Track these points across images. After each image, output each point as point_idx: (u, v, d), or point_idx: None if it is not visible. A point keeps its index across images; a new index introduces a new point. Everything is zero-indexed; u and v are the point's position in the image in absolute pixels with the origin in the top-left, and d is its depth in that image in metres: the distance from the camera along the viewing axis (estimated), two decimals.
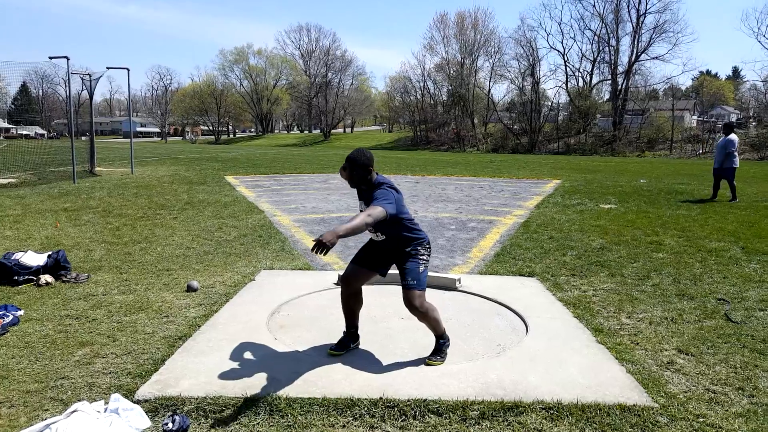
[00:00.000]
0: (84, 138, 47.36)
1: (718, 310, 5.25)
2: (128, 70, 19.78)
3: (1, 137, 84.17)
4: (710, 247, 8.08)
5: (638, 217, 10.92)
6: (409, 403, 3.27)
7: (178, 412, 3.12)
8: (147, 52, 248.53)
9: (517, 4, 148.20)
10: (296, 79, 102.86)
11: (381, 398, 3.31)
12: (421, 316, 3.86)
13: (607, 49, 65.88)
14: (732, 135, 13.78)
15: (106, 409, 3.11)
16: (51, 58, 16.77)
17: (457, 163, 33.33)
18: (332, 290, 5.68)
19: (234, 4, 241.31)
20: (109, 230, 8.79)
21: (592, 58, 67.26)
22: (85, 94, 20.27)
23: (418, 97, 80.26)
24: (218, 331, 4.41)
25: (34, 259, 5.99)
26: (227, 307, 5.03)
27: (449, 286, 5.79)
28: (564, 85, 69.94)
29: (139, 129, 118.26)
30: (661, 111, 62.24)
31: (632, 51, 63.89)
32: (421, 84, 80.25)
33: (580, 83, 68.81)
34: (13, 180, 16.62)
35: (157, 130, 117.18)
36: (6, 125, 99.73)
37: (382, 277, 4.17)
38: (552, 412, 3.23)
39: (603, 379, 3.65)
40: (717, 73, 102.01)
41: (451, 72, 76.27)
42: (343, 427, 3.08)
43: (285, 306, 5.17)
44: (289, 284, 5.81)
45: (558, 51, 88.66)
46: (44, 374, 3.67)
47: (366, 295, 5.32)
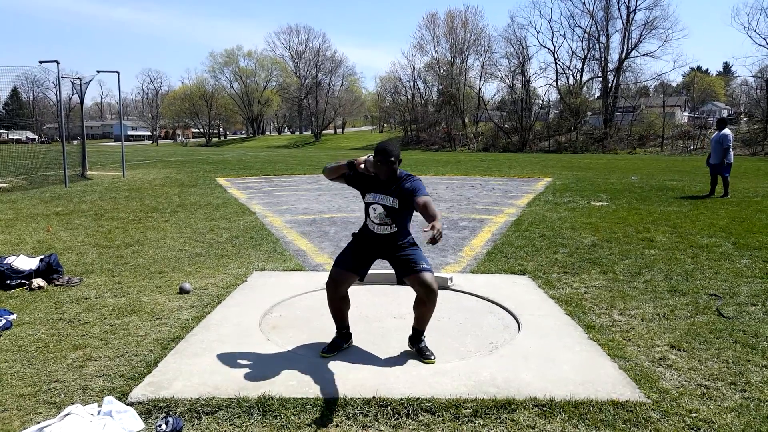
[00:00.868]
0: (75, 142, 47.12)
1: (710, 305, 5.28)
2: (118, 74, 19.75)
3: None
4: (702, 243, 8.13)
5: (630, 214, 10.98)
6: (402, 401, 3.27)
7: (171, 413, 3.12)
8: (137, 55, 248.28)
9: (507, 2, 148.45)
10: (286, 80, 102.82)
11: (374, 397, 3.31)
12: (435, 298, 3.86)
13: (597, 46, 66.10)
14: (726, 130, 13.85)
15: (99, 412, 3.10)
16: (41, 62, 16.69)
17: (448, 162, 33.38)
18: (324, 290, 5.65)
19: (223, 6, 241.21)
20: (101, 233, 8.75)
21: (583, 56, 67.48)
22: (75, 98, 20.28)
23: (409, 96, 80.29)
24: (211, 333, 4.40)
25: (26, 263, 5.96)
26: (219, 309, 5.02)
27: (441, 285, 5.78)
28: (554, 83, 70.12)
29: (130, 132, 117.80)
30: (652, 108, 62.48)
31: (622, 48, 64.13)
32: (412, 84, 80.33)
33: (571, 81, 69.01)
34: (4, 185, 16.53)
35: (148, 133, 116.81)
36: None
37: (360, 280, 4.13)
38: (545, 409, 3.24)
39: (595, 375, 3.67)
40: (708, 69, 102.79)
41: (442, 71, 76.34)
42: (337, 426, 3.08)
43: (277, 307, 5.16)
44: (281, 285, 5.80)
45: (548, 49, 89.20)
46: (37, 378, 3.65)
47: (359, 294, 5.34)
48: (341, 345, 4.13)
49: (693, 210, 11.55)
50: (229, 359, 3.88)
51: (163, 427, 2.95)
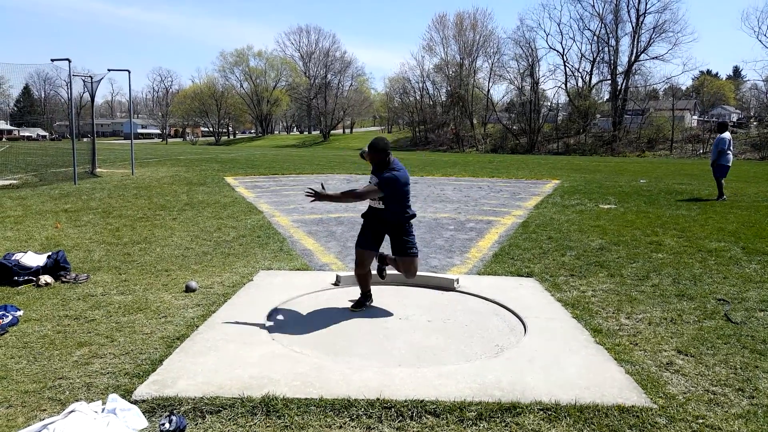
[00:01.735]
0: (85, 139, 47.31)
1: (718, 310, 5.24)
2: (129, 72, 19.83)
3: (4, 139, 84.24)
4: (710, 247, 8.07)
5: (638, 218, 10.92)
6: (406, 403, 3.26)
7: (175, 412, 3.12)
8: (148, 54, 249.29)
9: (516, 4, 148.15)
10: (296, 80, 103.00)
11: (378, 399, 3.30)
12: (412, 277, 5.18)
13: (606, 49, 65.85)
14: (725, 133, 13.79)
15: (103, 410, 3.10)
16: (53, 60, 16.78)
17: (456, 163, 33.32)
18: (330, 290, 5.68)
19: (234, 7, 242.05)
20: (109, 231, 8.78)
21: (592, 59, 67.25)
22: (86, 96, 20.34)
23: (417, 97, 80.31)
24: (216, 332, 4.40)
25: (34, 259, 5.99)
26: (225, 308, 5.02)
27: (447, 286, 5.78)
28: (563, 86, 69.93)
29: (140, 130, 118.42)
30: (661, 111, 62.22)
31: (632, 51, 63.86)
32: (420, 85, 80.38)
33: (580, 83, 68.80)
34: (14, 181, 16.63)
35: (158, 131, 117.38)
36: (8, 127, 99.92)
37: (375, 254, 5.17)
38: (550, 413, 3.22)
39: (601, 379, 3.64)
40: (717, 73, 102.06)
41: (450, 73, 76.30)
42: (340, 427, 3.07)
43: (283, 306, 5.16)
44: (287, 285, 5.80)
45: (557, 51, 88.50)
46: (42, 374, 3.67)
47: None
48: (365, 303, 5.18)
49: (702, 214, 11.48)
50: (233, 358, 3.88)
51: (167, 425, 2.95)
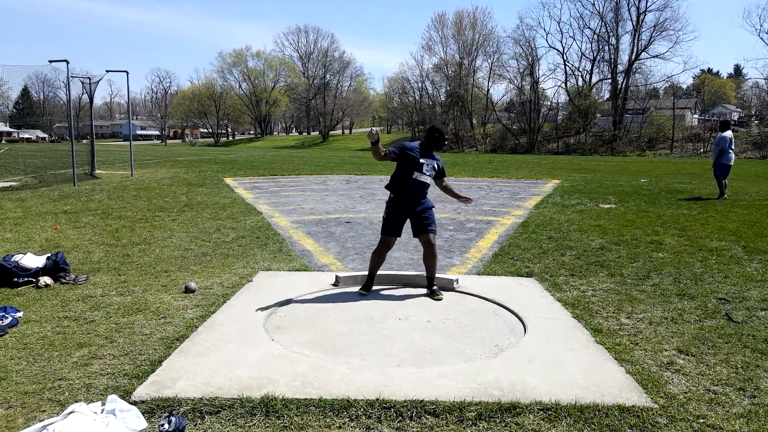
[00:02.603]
0: (85, 141, 47.39)
1: (719, 309, 5.22)
2: (128, 73, 19.83)
3: (3, 141, 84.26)
4: (711, 246, 8.06)
5: (638, 217, 10.91)
6: (405, 404, 3.25)
7: (174, 413, 3.11)
8: (146, 55, 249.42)
9: (516, 3, 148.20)
10: (294, 80, 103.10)
11: (377, 399, 3.29)
12: (435, 251, 5.57)
13: (606, 47, 66.05)
14: (726, 132, 13.74)
15: (103, 411, 3.09)
16: (51, 61, 16.81)
17: (455, 163, 33.31)
18: (329, 291, 5.67)
19: (232, 7, 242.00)
20: (108, 232, 8.78)
21: (592, 57, 67.39)
22: (85, 97, 20.38)
23: (417, 97, 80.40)
24: (215, 333, 4.39)
25: (33, 261, 5.98)
26: (225, 309, 5.01)
27: (447, 286, 5.77)
28: (563, 85, 70.17)
29: (139, 132, 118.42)
30: (662, 110, 62.28)
31: (632, 49, 64.03)
32: (420, 85, 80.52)
33: (580, 82, 68.96)
34: (14, 183, 16.63)
35: (157, 132, 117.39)
36: (8, 129, 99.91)
37: (398, 237, 5.64)
38: (550, 413, 3.21)
39: (602, 379, 3.63)
40: (718, 72, 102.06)
41: (450, 72, 76.38)
42: (340, 428, 3.06)
43: (282, 307, 5.15)
44: (286, 285, 5.79)
45: (557, 50, 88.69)
46: (42, 375, 3.66)
47: (363, 296, 5.44)
48: (371, 287, 5.67)
49: (702, 213, 11.47)
50: (233, 359, 3.87)
51: (166, 426, 2.94)
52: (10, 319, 4.59)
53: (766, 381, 3.70)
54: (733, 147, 13.80)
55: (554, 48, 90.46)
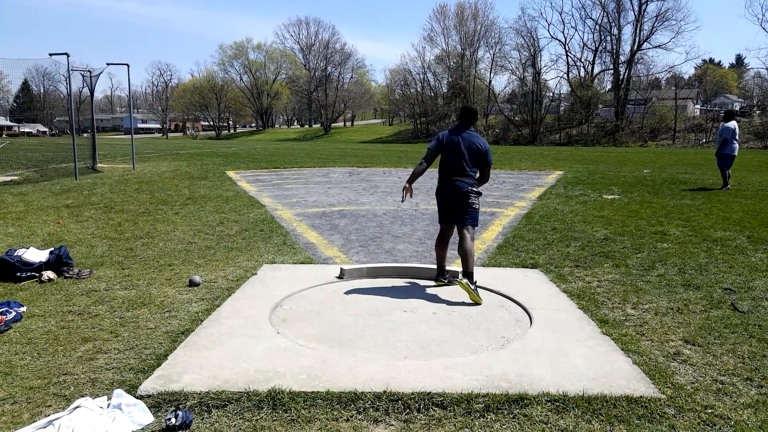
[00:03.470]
0: (86, 135, 47.39)
1: (725, 299, 5.21)
2: (128, 66, 19.78)
3: (4, 135, 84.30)
4: (715, 236, 8.03)
5: (642, 208, 10.88)
6: (413, 396, 3.24)
7: (181, 407, 3.10)
8: (147, 48, 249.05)
9: None
10: (296, 73, 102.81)
11: (385, 391, 3.28)
12: (472, 246, 5.36)
13: (608, 38, 65.71)
14: (731, 122, 13.65)
15: (108, 405, 3.09)
16: (51, 55, 16.75)
17: None
18: (334, 283, 5.66)
19: None
20: (111, 226, 8.77)
21: (594, 48, 67.11)
22: (86, 90, 20.31)
23: (418, 89, 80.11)
24: (220, 326, 4.39)
25: (36, 255, 5.98)
26: (229, 302, 5.00)
27: (450, 280, 5.75)
28: (565, 76, 69.90)
29: (140, 125, 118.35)
30: (664, 100, 62.06)
31: (634, 40, 63.69)
32: (421, 76, 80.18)
33: (582, 73, 68.68)
34: (15, 177, 16.62)
35: (158, 126, 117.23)
36: (8, 123, 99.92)
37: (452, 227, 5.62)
38: (558, 404, 3.20)
39: (609, 370, 3.62)
40: (720, 62, 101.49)
41: (452, 64, 76.11)
42: (347, 420, 3.05)
43: (287, 300, 5.14)
44: (291, 278, 5.78)
45: (559, 41, 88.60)
46: (47, 370, 3.65)
47: (369, 288, 5.45)
48: (439, 278, 5.72)
49: (706, 203, 11.43)
50: (238, 353, 3.86)
51: (173, 420, 2.94)
52: (13, 314, 4.58)
53: None
54: (737, 137, 13.73)
55: (556, 39, 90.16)
